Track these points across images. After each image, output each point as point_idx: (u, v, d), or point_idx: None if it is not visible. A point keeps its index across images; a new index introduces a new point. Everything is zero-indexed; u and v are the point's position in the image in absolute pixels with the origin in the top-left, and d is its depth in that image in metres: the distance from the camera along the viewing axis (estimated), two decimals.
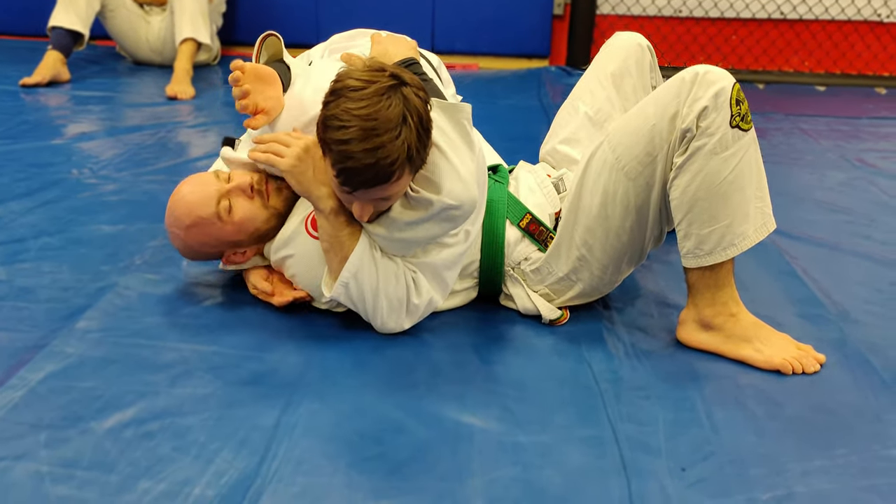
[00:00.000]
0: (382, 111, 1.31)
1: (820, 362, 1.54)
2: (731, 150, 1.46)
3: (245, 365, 1.47)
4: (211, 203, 1.56)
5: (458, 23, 4.12)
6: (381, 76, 1.34)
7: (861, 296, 1.83)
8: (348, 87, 1.33)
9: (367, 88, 1.32)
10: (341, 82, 1.34)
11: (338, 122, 1.32)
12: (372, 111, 1.31)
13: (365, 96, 1.31)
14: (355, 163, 1.32)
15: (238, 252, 1.63)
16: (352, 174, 1.34)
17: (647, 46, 1.91)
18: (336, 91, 1.34)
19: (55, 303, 1.65)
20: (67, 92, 3.34)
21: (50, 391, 1.37)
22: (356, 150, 1.31)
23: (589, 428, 1.34)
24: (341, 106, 1.32)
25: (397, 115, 1.31)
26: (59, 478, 1.17)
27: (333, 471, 1.22)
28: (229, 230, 1.58)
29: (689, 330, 1.59)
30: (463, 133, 1.46)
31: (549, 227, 1.68)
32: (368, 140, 1.31)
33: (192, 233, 1.59)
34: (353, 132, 1.31)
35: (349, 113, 1.31)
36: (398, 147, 1.32)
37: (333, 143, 1.33)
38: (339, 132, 1.32)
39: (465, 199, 1.45)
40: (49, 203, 2.16)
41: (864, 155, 2.92)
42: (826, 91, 3.99)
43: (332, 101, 1.34)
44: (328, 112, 1.34)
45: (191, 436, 1.27)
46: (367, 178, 1.34)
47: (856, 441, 1.33)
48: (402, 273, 1.53)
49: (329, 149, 1.35)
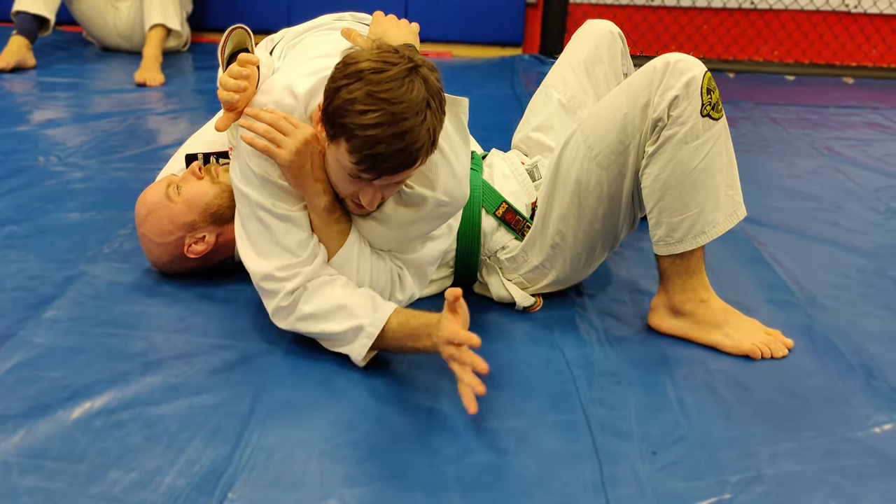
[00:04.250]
0: (407, 94, 1.24)
1: (788, 347, 1.56)
2: (702, 139, 1.47)
3: (216, 353, 1.46)
4: (161, 190, 1.64)
5: (432, 10, 4.10)
6: (398, 58, 1.27)
7: (828, 282, 1.86)
8: (367, 69, 1.25)
9: (388, 71, 1.25)
10: (355, 64, 1.26)
11: (361, 105, 1.24)
12: (397, 94, 1.24)
13: (387, 79, 1.24)
14: (385, 148, 1.25)
15: (197, 238, 1.62)
16: (379, 160, 1.27)
17: (618, 34, 1.91)
18: (353, 74, 1.26)
19: (22, 292, 1.62)
20: (33, 78, 3.27)
21: (18, 381, 1.34)
22: (385, 134, 1.24)
23: (562, 413, 1.35)
24: (363, 89, 1.24)
25: (422, 99, 1.26)
26: (27, 468, 1.16)
27: (307, 458, 1.21)
28: (181, 209, 1.61)
29: (661, 316, 1.60)
30: (460, 128, 1.43)
31: (526, 216, 1.68)
32: (397, 124, 1.24)
33: (150, 222, 1.63)
34: (380, 116, 1.23)
35: (374, 96, 1.23)
36: (424, 131, 1.27)
37: (357, 128, 1.25)
38: (365, 117, 1.24)
39: (458, 195, 1.44)
40: (15, 191, 2.12)
41: (831, 143, 2.96)
42: (795, 80, 4.04)
43: (349, 85, 1.25)
44: (348, 95, 1.25)
45: (161, 425, 1.26)
46: (395, 164, 1.28)
47: (823, 424, 1.35)
48: (389, 269, 1.50)
49: (350, 134, 1.26)
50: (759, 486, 1.20)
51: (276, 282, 1.43)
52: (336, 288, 1.44)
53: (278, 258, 1.43)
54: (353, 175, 1.32)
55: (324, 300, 1.43)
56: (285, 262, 1.42)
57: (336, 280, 1.45)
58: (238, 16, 1.95)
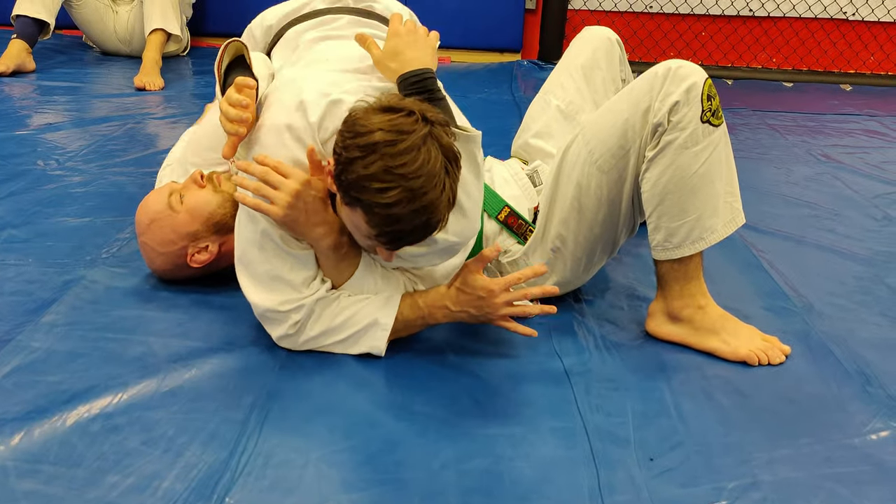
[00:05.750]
0: (424, 166, 1.20)
1: (785, 353, 1.56)
2: (702, 145, 1.48)
3: (215, 358, 1.46)
4: (163, 198, 1.61)
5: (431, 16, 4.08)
6: (412, 123, 1.22)
7: (825, 288, 1.87)
8: (381, 141, 1.20)
9: (403, 141, 1.20)
10: (368, 135, 1.21)
11: (379, 183, 1.20)
12: (415, 167, 1.20)
13: (403, 150, 1.20)
14: (404, 225, 1.23)
15: (200, 248, 1.61)
16: (400, 234, 1.26)
17: (615, 40, 1.92)
18: (367, 147, 1.21)
19: (21, 296, 1.62)
20: (33, 82, 3.28)
21: (16, 385, 1.34)
22: (404, 212, 1.22)
23: (559, 419, 1.35)
24: (378, 164, 1.20)
25: (440, 167, 1.22)
26: (24, 472, 1.16)
27: (304, 464, 1.21)
28: (183, 219, 1.59)
29: (658, 322, 1.60)
30: (473, 164, 1.39)
31: (529, 220, 1.68)
32: (416, 200, 1.21)
33: (152, 231, 1.61)
34: (398, 194, 1.20)
35: (391, 172, 1.19)
36: (444, 201, 1.24)
37: (376, 206, 1.22)
38: (384, 195, 1.20)
39: (469, 234, 1.44)
40: (14, 195, 2.13)
41: (829, 150, 2.97)
42: (793, 87, 4.05)
43: (364, 158, 1.21)
44: (363, 171, 1.21)
45: (159, 429, 1.26)
46: (415, 237, 1.28)
47: (819, 430, 1.35)
48: (402, 285, 1.50)
49: (368, 210, 1.23)
50: (756, 492, 1.20)
51: (279, 314, 1.43)
52: (341, 301, 1.46)
53: (281, 293, 1.42)
54: (368, 237, 1.30)
55: (331, 318, 1.45)
56: (289, 297, 1.42)
57: (339, 295, 1.46)
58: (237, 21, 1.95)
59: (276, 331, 1.45)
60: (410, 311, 1.47)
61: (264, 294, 1.43)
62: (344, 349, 1.48)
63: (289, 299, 1.42)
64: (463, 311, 1.46)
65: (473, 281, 1.44)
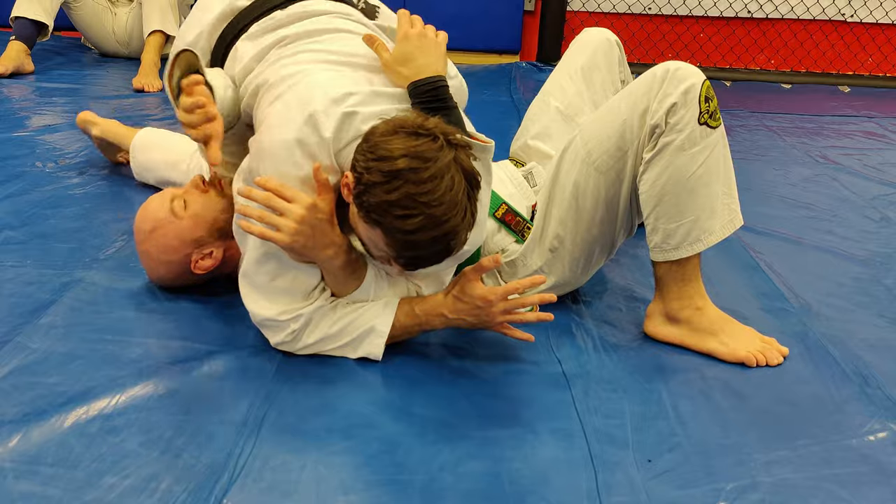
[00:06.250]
0: (447, 193, 1.21)
1: (783, 355, 1.56)
2: (699, 147, 1.48)
3: (213, 360, 1.46)
4: (165, 204, 1.58)
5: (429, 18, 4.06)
6: (435, 150, 1.22)
7: (823, 289, 1.87)
8: (405, 168, 1.21)
9: (427, 169, 1.21)
10: (391, 161, 1.21)
11: (401, 210, 1.21)
12: (437, 196, 1.21)
13: (426, 178, 1.21)
14: (423, 251, 1.26)
15: (204, 254, 1.59)
16: (420, 259, 1.28)
17: (615, 41, 1.93)
18: (389, 174, 1.21)
19: (19, 297, 1.62)
20: (31, 83, 3.27)
21: (13, 387, 1.34)
22: (425, 238, 1.23)
23: (557, 421, 1.35)
24: (401, 191, 1.20)
25: (462, 195, 1.24)
26: (22, 474, 1.16)
27: (302, 466, 1.21)
28: (187, 225, 1.56)
29: (656, 323, 1.61)
30: (487, 175, 1.40)
31: (526, 217, 1.68)
32: (437, 227, 1.23)
33: (154, 238, 1.58)
34: (420, 221, 1.21)
35: (414, 199, 1.20)
36: (465, 225, 1.26)
37: (398, 232, 1.23)
38: (406, 222, 1.22)
39: (479, 241, 1.45)
40: (12, 196, 2.12)
41: (827, 152, 2.98)
42: (791, 89, 4.06)
43: (386, 184, 1.21)
44: (385, 196, 1.21)
45: (157, 431, 1.26)
46: (434, 261, 1.29)
47: (817, 432, 1.36)
48: (407, 291, 1.51)
49: (389, 233, 1.25)
50: (754, 493, 1.20)
51: (277, 323, 1.43)
52: (338, 309, 1.46)
53: (282, 303, 1.42)
54: (385, 256, 1.31)
55: (328, 326, 1.45)
56: (288, 307, 1.42)
57: (337, 303, 1.46)
58: None
59: (273, 337, 1.45)
60: (407, 318, 1.47)
61: (264, 303, 1.42)
62: (342, 354, 1.48)
63: (288, 309, 1.42)
64: (460, 318, 1.46)
65: (471, 290, 1.43)
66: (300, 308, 1.42)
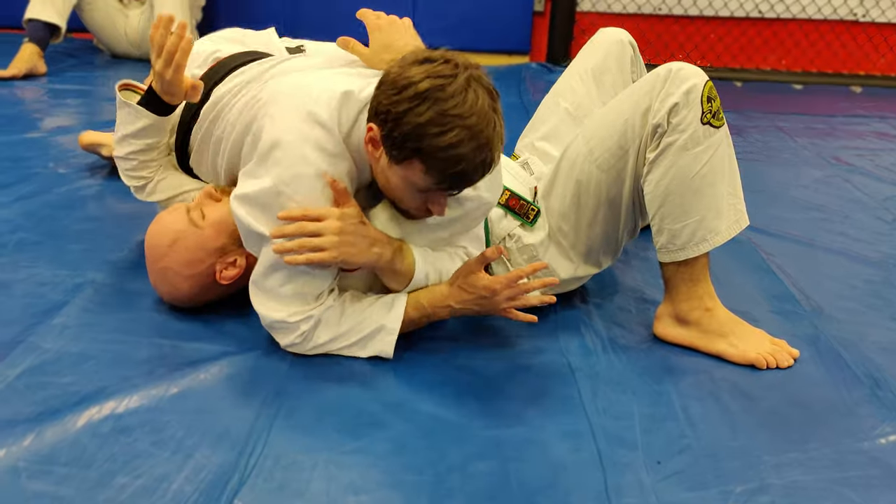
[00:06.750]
0: (475, 105, 1.25)
1: (794, 357, 1.56)
2: (703, 147, 1.48)
3: (224, 360, 1.46)
4: (182, 216, 1.54)
5: (439, 18, 4.13)
6: (450, 68, 1.26)
7: (834, 291, 1.86)
8: (429, 88, 1.24)
9: (450, 85, 1.24)
10: (414, 86, 1.24)
11: (436, 127, 1.23)
12: (466, 108, 1.24)
13: (452, 94, 1.24)
14: (468, 164, 1.27)
15: (228, 263, 1.55)
16: (463, 175, 1.29)
17: (628, 42, 1.92)
18: (416, 96, 1.24)
19: (32, 298, 1.64)
20: (44, 85, 3.30)
21: (27, 386, 1.36)
22: (466, 151, 1.25)
23: (566, 422, 1.35)
24: (432, 110, 1.23)
25: (488, 105, 1.27)
26: (35, 473, 1.17)
27: (312, 465, 1.22)
28: (209, 234, 1.53)
29: (666, 324, 1.60)
30: None
31: (530, 199, 1.68)
32: (475, 138, 1.25)
33: (176, 252, 1.53)
34: (457, 133, 1.24)
35: (446, 115, 1.23)
36: (498, 135, 1.29)
37: (438, 151, 1.25)
38: (443, 138, 1.24)
39: (497, 191, 1.49)
40: (25, 197, 2.14)
41: (839, 153, 2.96)
42: (803, 89, 4.04)
43: (416, 108, 1.24)
44: (418, 119, 1.24)
45: (169, 431, 1.27)
46: (477, 176, 1.31)
47: (828, 434, 1.35)
48: (456, 255, 1.54)
49: (428, 157, 1.26)
50: (764, 496, 1.20)
51: (288, 325, 1.44)
52: (346, 308, 1.47)
53: (292, 306, 1.43)
54: (423, 189, 1.33)
55: (337, 325, 1.46)
56: (298, 309, 1.43)
57: (345, 300, 1.48)
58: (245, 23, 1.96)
59: (283, 339, 1.46)
60: (415, 312, 1.49)
61: (274, 305, 1.44)
62: (352, 353, 1.49)
63: (298, 311, 1.43)
64: (466, 308, 1.49)
65: (476, 281, 1.46)
66: (310, 309, 1.44)
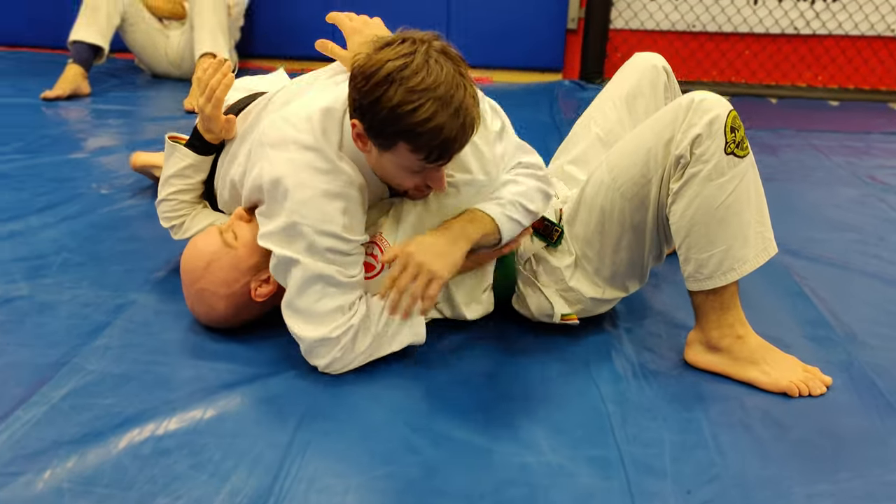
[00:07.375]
0: (440, 74, 1.30)
1: (826, 385, 1.55)
2: (727, 177, 1.49)
3: (260, 382, 1.50)
4: (216, 239, 1.60)
5: (472, 35, 4.16)
6: (408, 46, 1.32)
7: (869, 317, 1.84)
8: (393, 69, 1.29)
9: (412, 62, 1.30)
10: (378, 71, 1.30)
11: (408, 105, 1.29)
12: (433, 79, 1.29)
13: (416, 69, 1.29)
14: (448, 132, 1.31)
15: (262, 280, 1.60)
16: (447, 144, 1.33)
17: (662, 67, 1.93)
18: (382, 80, 1.30)
19: (76, 319, 1.69)
20: (87, 105, 3.40)
21: (71, 408, 1.40)
22: (444, 119, 1.30)
23: (596, 449, 1.36)
24: (401, 88, 1.29)
25: (453, 71, 1.32)
26: (78, 494, 1.21)
27: (345, 490, 1.24)
28: (243, 253, 1.58)
29: (697, 351, 1.61)
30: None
31: (554, 220, 1.70)
32: (449, 105, 1.30)
33: (211, 273, 1.58)
34: (430, 106, 1.29)
35: (414, 91, 1.28)
36: (470, 97, 1.33)
37: (417, 127, 1.30)
38: (418, 113, 1.29)
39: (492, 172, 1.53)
40: (69, 218, 2.21)
41: (875, 172, 2.93)
42: (839, 106, 3.99)
43: (385, 92, 1.30)
44: (390, 102, 1.29)
45: (206, 453, 1.31)
46: (461, 141, 1.35)
47: (860, 465, 1.34)
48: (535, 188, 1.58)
49: (410, 135, 1.32)
50: None
51: (329, 341, 1.48)
52: (374, 307, 1.52)
53: (330, 320, 1.48)
54: (418, 169, 1.39)
55: (375, 326, 1.52)
56: (337, 323, 1.48)
57: (371, 299, 1.53)
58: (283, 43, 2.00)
59: (323, 359, 1.50)
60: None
61: (313, 325, 1.48)
62: (389, 350, 1.54)
63: (338, 324, 1.48)
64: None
65: None
66: (348, 320, 1.49)
